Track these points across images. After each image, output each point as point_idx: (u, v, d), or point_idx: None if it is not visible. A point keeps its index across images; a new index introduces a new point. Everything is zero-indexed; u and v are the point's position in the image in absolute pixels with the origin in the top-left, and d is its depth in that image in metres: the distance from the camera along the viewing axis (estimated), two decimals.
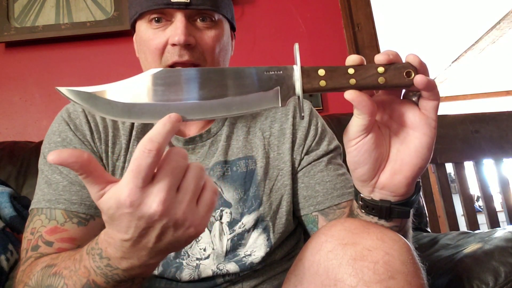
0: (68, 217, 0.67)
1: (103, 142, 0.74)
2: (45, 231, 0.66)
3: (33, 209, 0.70)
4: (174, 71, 0.49)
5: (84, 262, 0.50)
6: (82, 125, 0.74)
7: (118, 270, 0.47)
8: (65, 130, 0.74)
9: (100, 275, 0.49)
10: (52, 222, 0.67)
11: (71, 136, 0.73)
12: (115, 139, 0.75)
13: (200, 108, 0.47)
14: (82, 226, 0.68)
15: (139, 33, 0.75)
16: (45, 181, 0.71)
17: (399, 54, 0.50)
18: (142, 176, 0.40)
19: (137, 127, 0.77)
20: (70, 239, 0.66)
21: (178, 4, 0.69)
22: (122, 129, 0.76)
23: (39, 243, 0.65)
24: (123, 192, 0.40)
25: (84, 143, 0.73)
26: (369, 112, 0.48)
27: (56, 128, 0.75)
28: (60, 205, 0.68)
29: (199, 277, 0.69)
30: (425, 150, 0.51)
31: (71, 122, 0.74)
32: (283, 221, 0.75)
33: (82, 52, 1.64)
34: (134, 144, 0.75)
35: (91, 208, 0.69)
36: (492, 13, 3.49)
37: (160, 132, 0.41)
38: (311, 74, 0.49)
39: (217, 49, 0.73)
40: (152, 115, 0.47)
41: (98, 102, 0.47)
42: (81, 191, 0.69)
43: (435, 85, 0.48)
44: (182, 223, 0.42)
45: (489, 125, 1.56)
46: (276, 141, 0.79)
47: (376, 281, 0.47)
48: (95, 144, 0.74)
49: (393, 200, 0.54)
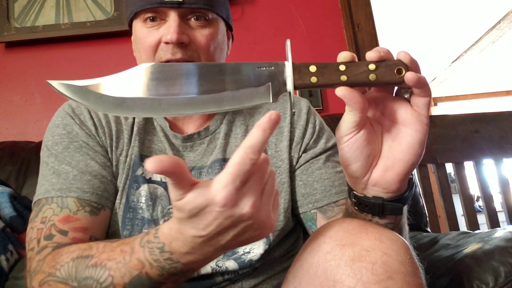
0: (81, 205, 0.67)
1: (107, 137, 0.75)
2: (58, 219, 0.65)
3: (41, 199, 0.68)
4: (165, 65, 0.50)
5: (137, 254, 0.50)
6: (86, 120, 0.75)
7: (179, 263, 0.48)
8: (70, 123, 0.74)
9: (157, 268, 0.49)
10: (64, 210, 0.66)
11: (77, 129, 0.73)
12: (118, 134, 0.76)
13: (191, 103, 0.48)
14: (94, 215, 0.67)
15: (135, 32, 0.77)
16: (53, 172, 0.70)
17: (390, 52, 0.50)
18: (241, 180, 0.42)
19: (138, 122, 0.77)
20: (82, 228, 0.65)
21: (171, 3, 0.70)
22: (124, 124, 0.77)
23: (52, 232, 0.64)
24: (220, 192, 0.41)
25: (91, 137, 0.73)
26: (360, 109, 0.49)
27: (59, 122, 0.75)
28: (72, 193, 0.67)
29: (198, 274, 0.69)
30: (417, 146, 0.51)
31: (76, 117, 0.75)
32: (281, 218, 0.75)
33: (82, 52, 1.64)
34: (136, 138, 0.75)
35: (102, 198, 0.69)
36: (492, 13, 3.49)
37: (261, 141, 0.42)
38: (303, 70, 0.49)
39: (211, 48, 0.74)
40: (143, 109, 0.47)
41: (89, 96, 0.47)
42: (92, 181, 0.69)
43: (426, 82, 0.49)
44: (264, 225, 0.45)
45: (489, 125, 1.56)
46: (274, 139, 0.79)
47: (375, 281, 0.47)
48: (100, 139, 0.74)
49: (386, 197, 0.55)
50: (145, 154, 0.76)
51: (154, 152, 0.77)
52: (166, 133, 0.78)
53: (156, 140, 0.78)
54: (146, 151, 0.76)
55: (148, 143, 0.77)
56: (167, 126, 0.78)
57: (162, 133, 0.78)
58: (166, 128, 0.78)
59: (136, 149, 0.75)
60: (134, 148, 0.75)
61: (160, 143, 0.77)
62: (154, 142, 0.78)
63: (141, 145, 0.76)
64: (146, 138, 0.78)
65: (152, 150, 0.77)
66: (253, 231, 0.45)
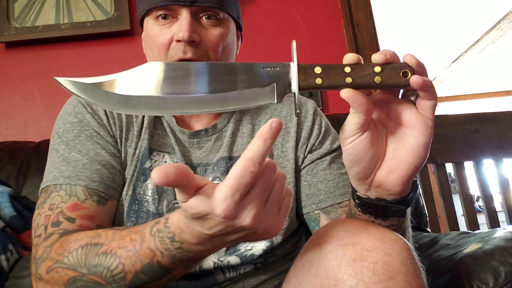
0: (89, 194, 0.67)
1: (117, 128, 0.75)
2: (66, 207, 0.65)
3: (49, 186, 0.68)
4: (171, 65, 0.50)
5: (148, 243, 0.51)
6: (98, 110, 0.75)
7: (189, 252, 0.49)
8: (82, 112, 0.74)
9: (168, 256, 0.50)
10: (72, 198, 0.66)
11: (88, 118, 0.74)
12: (128, 126, 0.76)
13: (196, 102, 0.48)
14: (101, 205, 0.68)
15: (146, 30, 0.77)
16: (62, 159, 0.70)
17: (396, 54, 0.50)
18: (241, 193, 0.41)
19: (149, 116, 0.78)
20: (90, 217, 0.66)
21: (183, 1, 0.71)
22: (134, 117, 0.77)
23: (60, 219, 0.64)
24: (219, 205, 0.41)
25: (102, 127, 0.74)
26: (364, 111, 0.48)
27: (71, 110, 0.75)
28: (81, 181, 0.67)
29: (200, 268, 0.69)
30: (421, 149, 0.51)
31: (88, 105, 0.75)
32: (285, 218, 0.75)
33: (82, 52, 1.64)
34: (146, 132, 0.76)
35: (109, 189, 0.69)
36: (492, 13, 3.49)
37: (261, 151, 0.42)
38: (308, 71, 0.49)
39: (221, 47, 0.74)
40: (148, 107, 0.48)
41: (95, 93, 0.48)
42: (101, 170, 0.69)
43: (432, 85, 0.49)
44: (268, 231, 0.45)
45: (489, 125, 1.56)
46: (280, 139, 0.79)
47: (376, 281, 0.47)
48: (111, 129, 0.75)
49: (389, 199, 0.55)
50: (154, 147, 0.76)
51: (162, 146, 0.77)
52: (172, 128, 0.79)
53: (164, 135, 0.78)
54: (155, 144, 0.77)
55: (157, 137, 0.78)
56: (174, 121, 0.79)
57: (169, 128, 0.78)
58: (172, 123, 0.79)
59: (145, 142, 0.75)
60: (144, 141, 0.75)
61: (168, 138, 0.78)
62: (163, 136, 0.78)
63: (151, 138, 0.77)
64: (156, 132, 0.78)
65: (161, 144, 0.77)
66: (257, 236, 0.46)
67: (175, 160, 0.75)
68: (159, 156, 0.76)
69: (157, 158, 0.75)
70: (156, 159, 0.75)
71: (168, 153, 0.76)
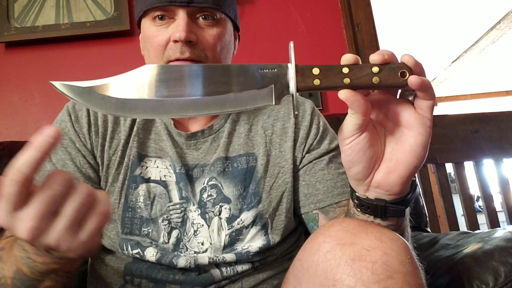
0: None
1: (100, 136, 0.76)
2: None
3: None
4: (169, 67, 0.50)
5: (14, 250, 0.54)
6: (82, 117, 0.77)
7: (37, 263, 0.51)
8: (66, 120, 0.77)
9: (24, 265, 0.52)
10: None
11: (69, 126, 0.76)
12: (113, 134, 0.77)
13: (194, 105, 0.48)
14: None
15: (143, 31, 0.78)
16: None
17: (394, 54, 0.50)
18: (12, 203, 0.40)
19: (139, 122, 0.78)
20: None
21: (180, 2, 0.71)
22: (122, 125, 0.78)
23: None
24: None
25: (79, 136, 0.76)
26: (362, 112, 0.49)
27: (59, 117, 0.79)
28: None
29: (195, 262, 0.69)
30: (420, 149, 0.51)
31: (74, 113, 0.77)
32: (282, 218, 0.75)
33: (82, 52, 1.64)
34: (134, 139, 0.77)
35: None
36: (492, 13, 3.49)
37: (28, 162, 0.40)
38: (306, 72, 0.49)
39: (218, 47, 0.75)
40: (145, 110, 0.48)
41: (91, 97, 0.48)
42: None
43: (430, 85, 0.49)
44: (56, 247, 0.43)
45: (489, 125, 1.56)
46: (278, 139, 0.79)
47: (375, 281, 0.47)
48: (90, 138, 0.76)
49: (388, 199, 0.55)
50: (144, 153, 0.77)
51: (155, 151, 0.77)
52: (169, 131, 0.79)
53: (157, 139, 0.78)
54: (146, 150, 0.77)
55: (149, 142, 0.78)
56: (171, 124, 0.79)
57: (166, 131, 0.78)
58: (170, 126, 0.79)
59: (134, 149, 0.76)
60: (133, 148, 0.76)
61: (161, 142, 0.78)
62: (156, 140, 0.78)
63: (141, 144, 0.77)
64: (148, 137, 0.78)
65: (154, 149, 0.78)
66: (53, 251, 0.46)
67: (167, 164, 0.76)
68: (150, 162, 0.76)
69: (148, 164, 0.76)
70: (148, 165, 0.76)
71: (160, 158, 0.77)
